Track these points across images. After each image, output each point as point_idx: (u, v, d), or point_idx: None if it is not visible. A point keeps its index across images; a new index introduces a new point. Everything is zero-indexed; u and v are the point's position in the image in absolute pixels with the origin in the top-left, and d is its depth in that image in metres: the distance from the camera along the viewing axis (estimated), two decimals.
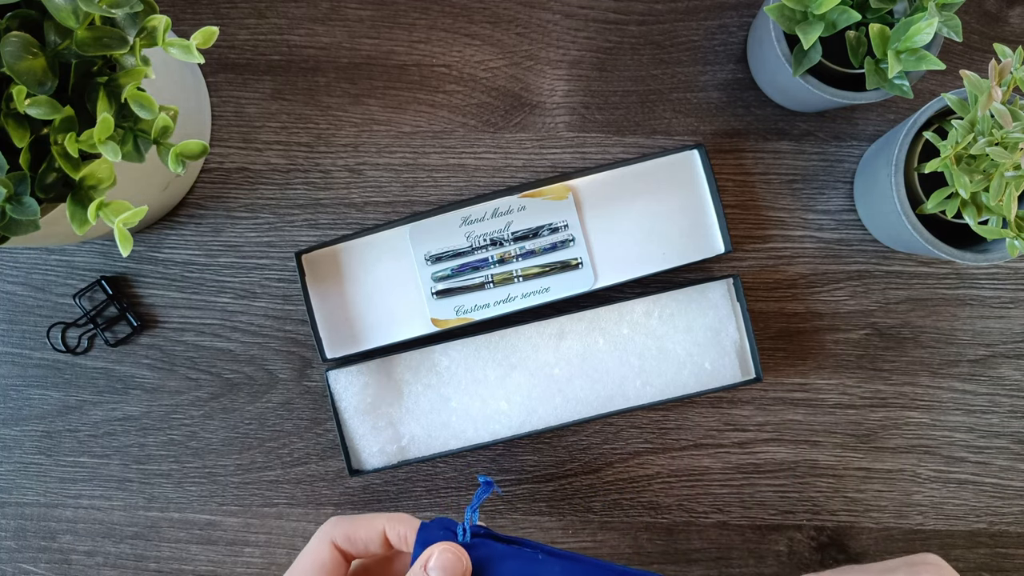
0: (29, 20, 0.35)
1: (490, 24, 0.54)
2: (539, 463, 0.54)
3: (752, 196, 0.55)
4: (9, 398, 0.55)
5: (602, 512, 0.54)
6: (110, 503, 0.54)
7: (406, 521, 0.38)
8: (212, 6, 0.54)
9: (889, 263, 0.54)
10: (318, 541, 0.38)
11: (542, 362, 0.53)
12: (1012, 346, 0.54)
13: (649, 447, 0.54)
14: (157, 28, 0.36)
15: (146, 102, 0.36)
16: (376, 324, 0.53)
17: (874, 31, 0.44)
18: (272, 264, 0.54)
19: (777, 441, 0.54)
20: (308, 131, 0.54)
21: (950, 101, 0.43)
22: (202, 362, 0.54)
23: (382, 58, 0.54)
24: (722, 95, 0.54)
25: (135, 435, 0.54)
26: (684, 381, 0.52)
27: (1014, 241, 0.43)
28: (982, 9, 0.54)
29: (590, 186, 0.53)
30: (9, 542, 0.54)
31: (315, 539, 0.38)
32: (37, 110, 0.34)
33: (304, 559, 0.38)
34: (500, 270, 0.53)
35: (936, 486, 0.54)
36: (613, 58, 0.55)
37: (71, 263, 0.54)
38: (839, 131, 0.55)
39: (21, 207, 0.35)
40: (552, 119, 0.54)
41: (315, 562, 0.37)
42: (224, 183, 0.54)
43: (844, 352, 0.54)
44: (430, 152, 0.54)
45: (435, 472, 0.54)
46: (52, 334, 0.54)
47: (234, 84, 0.54)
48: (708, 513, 0.54)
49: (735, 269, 0.54)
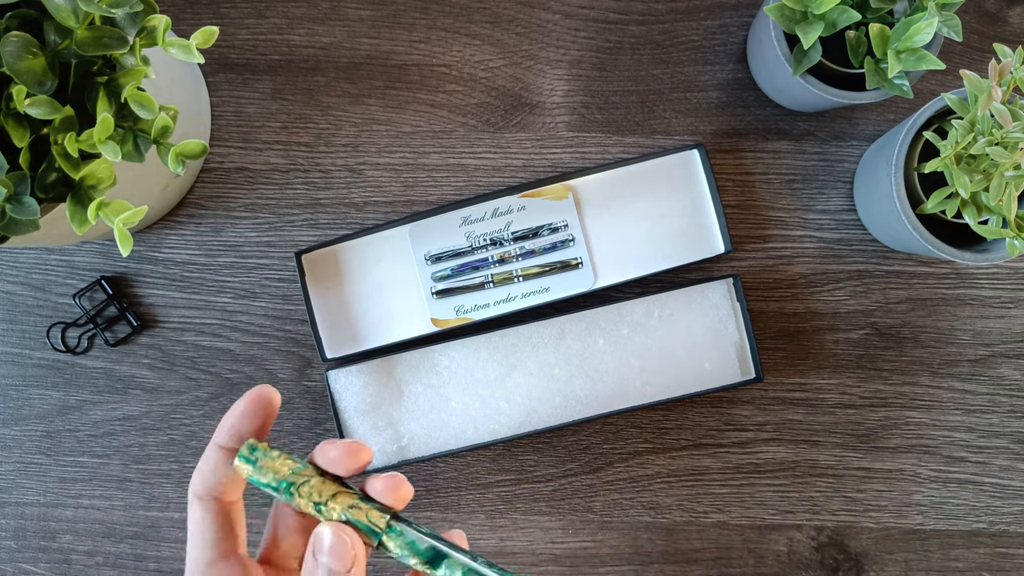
0: (29, 20, 0.35)
1: (490, 24, 0.54)
2: (539, 463, 0.54)
3: (752, 196, 0.55)
4: (9, 398, 0.55)
5: (602, 512, 0.54)
6: (110, 503, 0.54)
7: (225, 416, 0.34)
8: (212, 6, 0.54)
9: (889, 263, 0.54)
10: (189, 504, 0.34)
11: (542, 362, 0.53)
12: (1012, 346, 0.54)
13: (649, 447, 0.54)
14: (157, 28, 0.36)
15: (146, 102, 0.36)
16: (376, 324, 0.53)
17: (874, 31, 0.44)
18: (272, 264, 0.54)
19: (777, 441, 0.54)
20: (308, 131, 0.54)
21: (950, 101, 0.43)
22: (202, 362, 0.54)
23: (382, 58, 0.54)
24: (722, 95, 0.54)
25: (135, 435, 0.54)
26: (684, 381, 0.52)
27: (1014, 241, 0.43)
28: (982, 9, 0.54)
29: (590, 186, 0.53)
30: (9, 542, 0.54)
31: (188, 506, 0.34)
32: (37, 110, 0.34)
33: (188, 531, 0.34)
34: (500, 270, 0.53)
35: (936, 486, 0.54)
36: (613, 58, 0.55)
37: (71, 263, 0.54)
38: (839, 131, 0.55)
39: (21, 207, 0.35)
40: (552, 119, 0.54)
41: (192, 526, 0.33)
42: (224, 183, 0.54)
43: (844, 352, 0.54)
44: (430, 152, 0.54)
45: (435, 472, 0.54)
46: (52, 334, 0.54)
47: (234, 84, 0.54)
48: (708, 513, 0.54)
49: (735, 269, 0.54)
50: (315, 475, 0.32)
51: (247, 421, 0.33)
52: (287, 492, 0.32)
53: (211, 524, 0.33)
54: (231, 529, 0.34)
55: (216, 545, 0.33)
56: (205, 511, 0.33)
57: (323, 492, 0.32)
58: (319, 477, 0.32)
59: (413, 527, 0.32)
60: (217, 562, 0.33)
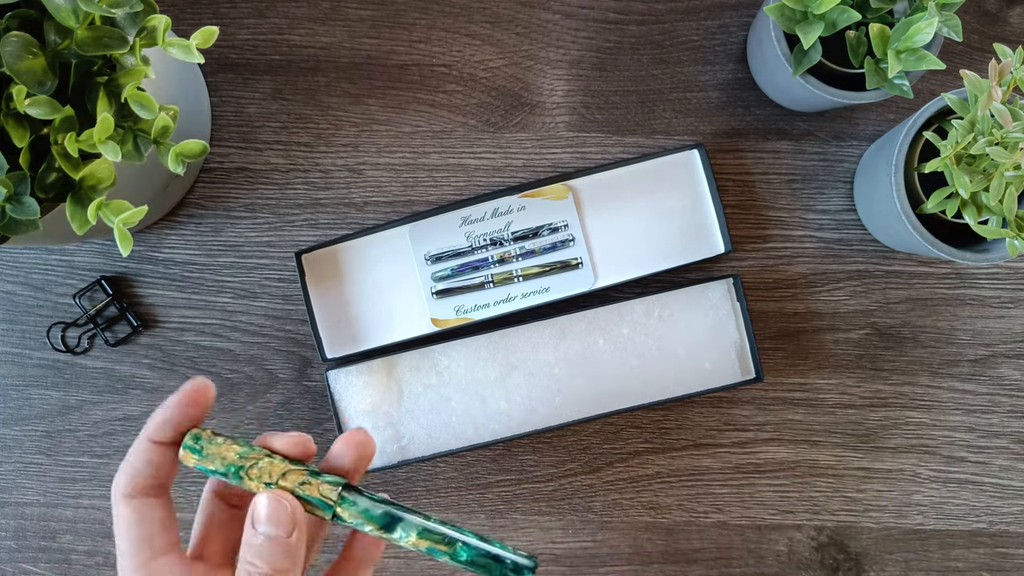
0: (29, 20, 0.35)
1: (490, 24, 0.54)
2: (539, 463, 0.54)
3: (752, 196, 0.55)
4: (9, 398, 0.55)
5: (602, 512, 0.54)
6: (110, 503, 0.54)
7: (157, 411, 0.33)
8: (212, 6, 0.54)
9: (889, 263, 0.54)
10: (113, 506, 0.33)
11: (542, 362, 0.53)
12: (1012, 346, 0.54)
13: (649, 447, 0.54)
14: (157, 28, 0.36)
15: (146, 102, 0.36)
16: (376, 324, 0.53)
17: (874, 31, 0.44)
18: (272, 264, 0.54)
19: (777, 441, 0.54)
20: (308, 131, 0.54)
21: (950, 101, 0.43)
22: (202, 362, 0.54)
23: (382, 58, 0.54)
24: (722, 95, 0.54)
25: (135, 435, 0.54)
26: (684, 381, 0.52)
27: (1014, 241, 0.43)
28: (982, 9, 0.54)
29: (590, 186, 0.53)
30: (9, 542, 0.54)
31: (113, 508, 0.33)
32: (37, 110, 0.34)
33: (116, 533, 0.33)
34: (500, 270, 0.53)
35: (936, 486, 0.54)
36: (613, 58, 0.55)
37: (71, 263, 0.54)
38: (839, 131, 0.55)
39: (21, 207, 0.35)
40: (552, 119, 0.54)
41: (122, 526, 0.32)
42: (224, 183, 0.54)
43: (844, 352, 0.54)
44: (430, 152, 0.54)
45: (435, 472, 0.54)
46: (52, 334, 0.54)
47: (234, 84, 0.54)
48: (708, 513, 0.54)
49: (735, 269, 0.54)
50: (263, 456, 0.32)
51: (183, 412, 0.33)
52: (236, 476, 0.32)
53: (146, 521, 0.32)
54: (167, 524, 0.33)
55: (152, 542, 0.32)
56: (137, 509, 0.32)
57: (272, 472, 0.32)
58: (267, 458, 0.32)
59: (365, 495, 0.32)
60: (156, 558, 0.32)
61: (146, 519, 0.32)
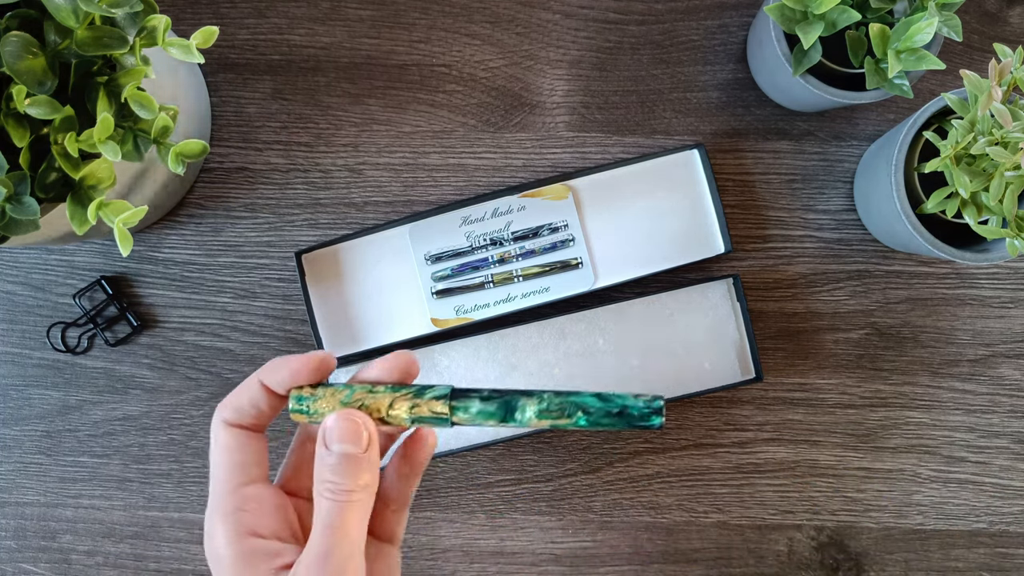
0: (29, 20, 0.35)
1: (490, 24, 0.54)
2: (539, 463, 0.54)
3: (752, 196, 0.55)
4: (9, 398, 0.55)
5: (602, 512, 0.54)
6: (110, 503, 0.54)
7: (279, 364, 0.34)
8: (212, 6, 0.54)
9: (889, 263, 0.54)
10: (213, 431, 0.34)
11: (542, 362, 0.53)
12: (1012, 346, 0.54)
13: (649, 447, 0.54)
14: (157, 28, 0.36)
15: (146, 102, 0.36)
16: (376, 324, 0.53)
17: (874, 31, 0.44)
18: (272, 264, 0.54)
19: (777, 441, 0.54)
20: (308, 131, 0.54)
21: (950, 101, 0.43)
22: (202, 362, 0.54)
23: (382, 58, 0.54)
24: (722, 95, 0.54)
25: (135, 435, 0.54)
26: (684, 381, 0.52)
27: (1014, 241, 0.43)
28: (982, 9, 0.54)
29: (590, 186, 0.53)
30: (9, 542, 0.54)
31: (212, 433, 0.34)
32: (37, 110, 0.34)
33: (212, 457, 0.34)
34: (500, 270, 0.53)
35: (936, 486, 0.54)
36: (613, 58, 0.55)
37: (71, 263, 0.54)
38: (839, 131, 0.55)
39: (21, 207, 0.35)
40: (552, 119, 0.54)
41: (220, 451, 0.33)
42: (224, 183, 0.54)
43: (844, 352, 0.54)
44: (430, 152, 0.54)
45: (435, 472, 0.54)
46: (52, 334, 0.54)
47: (234, 84, 0.54)
48: (708, 513, 0.54)
49: (735, 269, 0.54)
50: (365, 394, 0.33)
51: (300, 378, 0.34)
52: None
53: (244, 449, 0.34)
54: (260, 458, 0.34)
55: (246, 469, 0.33)
56: (236, 437, 0.34)
57: (380, 408, 0.32)
58: (370, 394, 0.33)
59: (472, 396, 0.32)
60: (247, 485, 0.33)
61: (244, 447, 0.34)
